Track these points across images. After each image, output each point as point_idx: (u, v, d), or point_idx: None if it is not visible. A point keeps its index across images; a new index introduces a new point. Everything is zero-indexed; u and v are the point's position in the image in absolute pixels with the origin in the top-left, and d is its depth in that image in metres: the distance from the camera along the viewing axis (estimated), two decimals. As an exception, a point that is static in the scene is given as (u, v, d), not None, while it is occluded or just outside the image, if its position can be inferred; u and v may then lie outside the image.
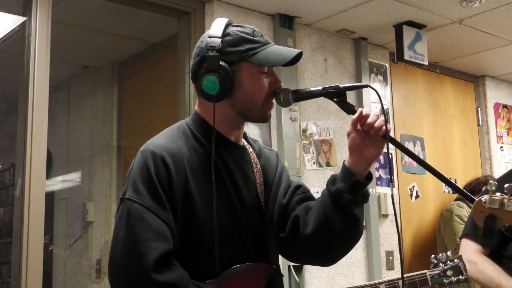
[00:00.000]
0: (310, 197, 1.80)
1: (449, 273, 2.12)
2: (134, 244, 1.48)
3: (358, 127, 1.62)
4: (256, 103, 1.66)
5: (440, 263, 2.12)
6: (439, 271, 2.10)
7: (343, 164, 1.66)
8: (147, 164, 1.55)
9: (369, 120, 1.59)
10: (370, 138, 1.62)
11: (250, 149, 1.79)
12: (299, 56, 1.67)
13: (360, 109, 1.62)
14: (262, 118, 1.71)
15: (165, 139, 1.63)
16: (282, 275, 1.72)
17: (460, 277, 2.13)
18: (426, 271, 2.11)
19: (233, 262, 1.61)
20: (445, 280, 2.12)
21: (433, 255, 2.21)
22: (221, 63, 1.61)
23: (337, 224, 1.64)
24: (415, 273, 2.10)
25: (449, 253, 2.20)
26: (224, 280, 1.58)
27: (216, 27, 1.67)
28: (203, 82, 1.61)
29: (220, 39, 1.63)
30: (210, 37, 1.65)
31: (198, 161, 1.62)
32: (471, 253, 2.62)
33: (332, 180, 1.67)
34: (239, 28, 1.68)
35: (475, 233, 2.67)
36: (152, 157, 1.56)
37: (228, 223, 1.61)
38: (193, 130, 1.68)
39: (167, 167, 1.55)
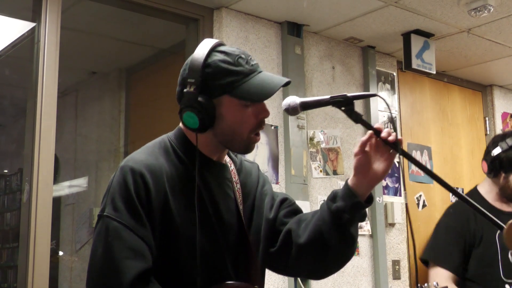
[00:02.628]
0: (297, 210, 1.80)
1: None
2: (112, 262, 1.47)
3: (367, 148, 1.61)
4: (239, 135, 1.63)
5: None
6: None
7: (346, 183, 1.65)
8: (126, 181, 1.54)
9: (384, 134, 1.57)
10: (378, 157, 1.60)
11: (232, 165, 1.76)
12: (286, 85, 1.62)
13: (370, 131, 1.60)
14: (243, 150, 1.67)
15: (146, 155, 1.62)
16: None
17: None
18: None
19: (212, 281, 1.59)
20: None
21: (418, 284, 2.21)
22: (200, 98, 1.57)
23: (332, 241, 1.63)
24: None
25: (435, 283, 2.22)
26: None
27: (197, 56, 1.61)
28: (183, 116, 1.59)
29: (199, 73, 1.58)
30: (189, 69, 1.60)
31: (178, 178, 1.60)
32: (445, 282, 2.64)
33: (333, 197, 1.66)
34: (221, 57, 1.61)
35: (440, 260, 2.68)
36: (132, 173, 1.54)
37: (206, 242, 1.59)
38: (175, 147, 1.66)
39: (146, 184, 1.54)
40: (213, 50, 1.63)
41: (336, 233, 1.62)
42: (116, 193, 1.54)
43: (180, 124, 1.71)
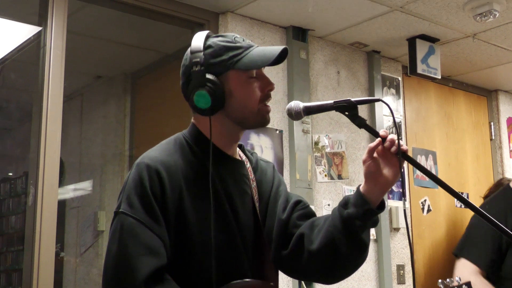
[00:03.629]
0: (311, 212, 1.79)
1: None
2: (127, 259, 1.47)
3: (375, 155, 1.61)
4: (250, 109, 1.64)
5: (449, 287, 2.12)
6: None
7: (358, 189, 1.64)
8: (141, 178, 1.54)
9: (391, 137, 1.57)
10: (386, 163, 1.60)
11: (248, 163, 1.76)
12: (284, 52, 1.64)
13: (378, 139, 1.60)
14: (260, 123, 1.68)
15: (161, 151, 1.62)
16: None
17: None
18: None
19: (228, 278, 1.58)
20: None
21: (440, 280, 2.20)
22: (208, 76, 1.59)
23: (344, 248, 1.63)
24: None
25: (457, 278, 2.20)
26: None
27: (196, 42, 1.66)
28: (194, 98, 1.60)
29: (202, 53, 1.62)
30: (192, 52, 1.64)
31: (194, 175, 1.61)
32: (469, 275, 2.61)
33: (345, 204, 1.65)
34: (219, 38, 1.66)
35: (469, 253, 2.66)
36: (147, 170, 1.55)
37: (223, 239, 1.59)
38: (190, 143, 1.67)
39: (162, 181, 1.54)
40: (208, 36, 1.69)
41: (347, 240, 1.62)
42: (131, 190, 1.54)
43: (192, 120, 1.72)
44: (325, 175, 4.10)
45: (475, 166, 5.25)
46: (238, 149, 1.78)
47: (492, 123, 5.47)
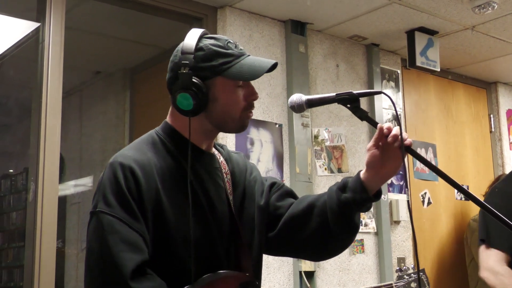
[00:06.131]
0: (287, 191, 1.85)
1: (413, 285, 2.15)
2: (110, 256, 1.48)
3: (380, 143, 1.62)
4: (232, 116, 1.66)
5: (405, 275, 2.16)
6: (403, 283, 2.14)
7: (358, 175, 1.67)
8: (116, 176, 1.55)
9: (395, 132, 1.58)
10: (390, 155, 1.62)
11: (220, 156, 1.78)
12: (273, 67, 1.65)
13: (380, 125, 1.61)
14: (238, 128, 1.70)
15: (134, 150, 1.63)
16: (256, 283, 1.72)
17: None
18: (392, 282, 2.15)
19: (205, 271, 1.60)
20: None
21: (397, 267, 2.25)
22: (194, 79, 1.60)
23: (336, 229, 1.69)
24: (381, 284, 2.15)
25: (412, 265, 2.25)
26: None
27: (189, 41, 1.66)
28: (177, 99, 1.61)
29: (192, 55, 1.62)
30: (183, 52, 1.64)
31: (169, 171, 1.62)
32: (495, 263, 2.59)
33: (343, 187, 1.69)
34: (212, 41, 1.66)
35: (489, 238, 2.65)
36: (121, 168, 1.56)
37: (200, 233, 1.61)
38: (164, 140, 1.68)
39: (137, 178, 1.55)
40: (202, 37, 1.68)
41: (341, 222, 1.68)
42: (107, 189, 1.55)
43: (167, 118, 1.74)
44: (325, 169, 4.10)
45: (475, 159, 5.26)
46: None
47: (491, 116, 5.47)
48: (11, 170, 6.00)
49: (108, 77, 5.16)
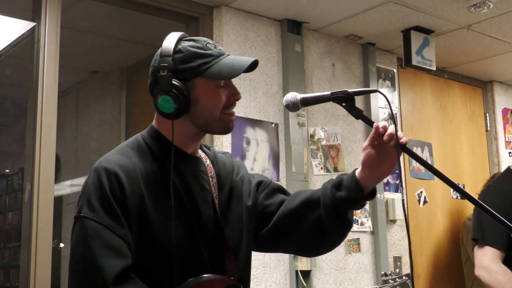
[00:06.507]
0: (275, 187, 1.85)
1: None
2: (93, 262, 1.48)
3: (375, 143, 1.63)
4: (214, 116, 1.64)
5: (390, 280, 2.18)
6: (388, 287, 2.15)
7: (353, 174, 1.68)
8: (100, 181, 1.55)
9: (390, 131, 1.58)
10: (386, 154, 1.62)
11: (206, 159, 1.78)
12: (254, 64, 1.65)
13: (376, 124, 1.61)
14: (222, 130, 1.69)
15: (119, 155, 1.63)
16: (240, 287, 1.71)
17: None
18: (377, 286, 2.16)
19: (189, 275, 1.60)
20: None
21: (383, 272, 2.26)
22: (174, 81, 1.59)
23: (330, 226, 1.70)
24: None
25: (397, 270, 2.27)
26: None
27: (167, 44, 1.66)
28: (158, 102, 1.60)
29: (171, 57, 1.62)
30: (161, 56, 1.64)
31: (154, 176, 1.62)
32: (490, 261, 2.60)
33: (338, 184, 1.70)
34: (190, 43, 1.66)
35: (484, 236, 2.65)
36: (106, 173, 1.55)
37: (184, 237, 1.60)
38: (149, 144, 1.67)
39: (121, 184, 1.55)
40: (180, 39, 1.68)
41: (334, 219, 1.69)
42: (91, 194, 1.55)
43: (153, 122, 1.74)
44: (321, 168, 4.11)
45: (471, 157, 5.26)
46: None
47: (487, 114, 5.48)
48: (7, 170, 6.00)
49: (104, 77, 5.15)
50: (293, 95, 1.70)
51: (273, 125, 3.90)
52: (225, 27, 3.79)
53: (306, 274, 3.83)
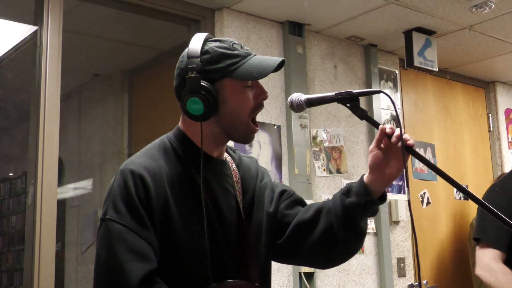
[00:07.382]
0: (298, 200, 1.82)
1: None
2: (117, 265, 1.48)
3: (382, 145, 1.62)
4: (242, 118, 1.64)
5: None
6: None
7: (362, 179, 1.65)
8: (126, 184, 1.54)
9: (398, 132, 1.58)
10: (393, 156, 1.61)
11: (232, 163, 1.77)
12: (281, 64, 1.64)
13: (382, 126, 1.60)
14: (243, 138, 1.68)
15: (145, 157, 1.62)
16: None
17: None
18: None
19: (213, 279, 1.58)
20: None
21: (410, 283, 2.25)
22: (203, 83, 1.58)
23: (342, 235, 1.66)
24: None
25: (425, 282, 2.25)
26: None
27: (194, 46, 1.63)
28: (187, 104, 1.59)
29: (199, 59, 1.60)
30: (189, 57, 1.61)
31: (179, 179, 1.61)
32: (490, 261, 2.59)
33: (347, 192, 1.67)
34: (217, 44, 1.65)
35: (486, 236, 2.65)
36: (132, 176, 1.55)
37: (208, 242, 1.58)
38: (175, 147, 1.67)
39: (146, 186, 1.54)
40: (206, 40, 1.67)
41: (346, 227, 1.65)
42: (117, 196, 1.54)
43: (179, 124, 1.72)
44: (324, 170, 4.10)
45: (474, 158, 5.26)
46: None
47: (490, 115, 5.48)
48: (11, 174, 6.01)
49: (107, 80, 5.16)
50: (297, 96, 1.69)
51: (275, 127, 3.90)
52: (226, 30, 3.79)
53: (310, 276, 3.83)
